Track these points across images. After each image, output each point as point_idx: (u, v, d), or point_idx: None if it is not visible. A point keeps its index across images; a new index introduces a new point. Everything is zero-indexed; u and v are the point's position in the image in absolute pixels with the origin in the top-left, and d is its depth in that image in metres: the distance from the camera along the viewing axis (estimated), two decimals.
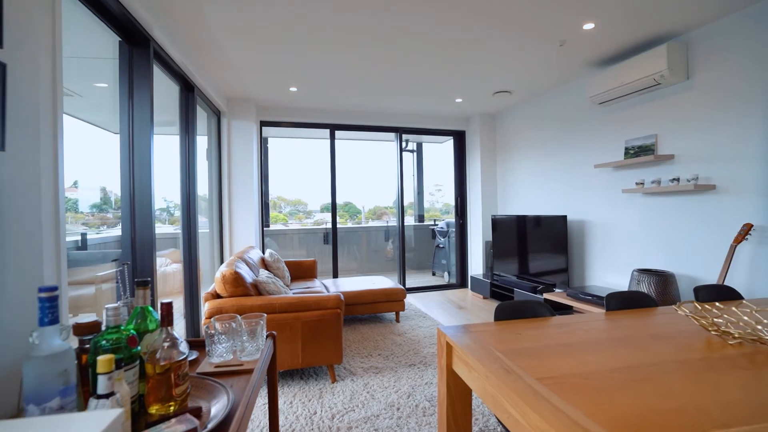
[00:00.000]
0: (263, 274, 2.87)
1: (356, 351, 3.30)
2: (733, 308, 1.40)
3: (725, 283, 2.78)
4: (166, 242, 3.71)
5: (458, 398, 1.41)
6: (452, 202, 8.30)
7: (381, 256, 7.57)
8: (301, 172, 7.21)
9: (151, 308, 0.98)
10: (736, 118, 2.79)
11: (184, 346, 0.92)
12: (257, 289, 2.70)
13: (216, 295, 2.56)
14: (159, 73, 2.93)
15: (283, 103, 4.87)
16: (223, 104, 4.40)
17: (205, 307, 2.41)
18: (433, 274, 7.28)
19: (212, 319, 1.25)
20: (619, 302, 1.73)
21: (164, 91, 3.25)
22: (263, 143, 6.56)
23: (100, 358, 0.69)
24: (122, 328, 0.85)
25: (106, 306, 0.82)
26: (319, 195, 7.28)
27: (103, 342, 0.80)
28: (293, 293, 3.62)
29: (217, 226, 4.57)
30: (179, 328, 3.53)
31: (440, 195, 8.10)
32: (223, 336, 1.21)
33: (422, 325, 3.99)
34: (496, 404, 1.06)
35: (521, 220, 4.72)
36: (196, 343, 1.38)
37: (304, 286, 3.97)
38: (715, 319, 1.32)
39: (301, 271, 4.60)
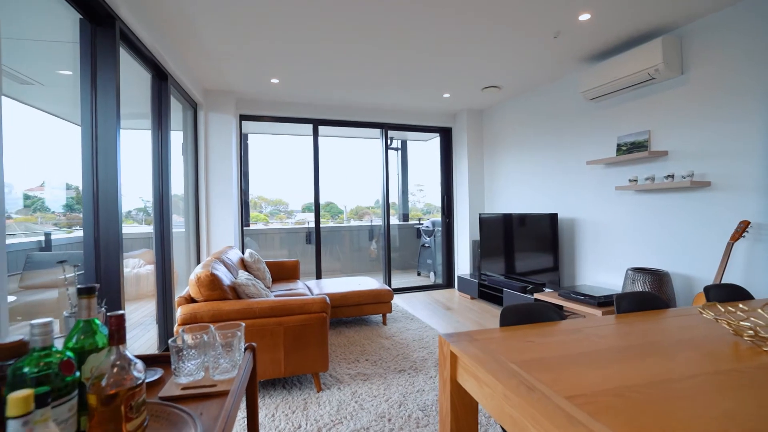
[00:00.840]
0: (242, 275, 2.67)
1: (342, 356, 3.12)
2: (759, 310, 1.29)
3: (722, 281, 2.72)
4: (139, 242, 3.46)
5: (464, 414, 1.26)
6: (434, 202, 8.21)
7: (365, 256, 7.40)
8: (283, 170, 6.97)
9: (98, 321, 0.79)
10: (732, 114, 2.73)
11: (139, 368, 0.73)
12: (236, 292, 2.50)
13: (190, 300, 2.34)
14: (127, 58, 2.69)
15: (264, 96, 4.65)
16: (200, 96, 4.15)
17: (177, 313, 2.20)
18: (419, 274, 7.15)
19: (180, 329, 1.06)
20: (630, 303, 1.61)
21: (134, 78, 3.00)
22: (243, 139, 6.31)
23: (11, 395, 0.50)
24: (55, 349, 0.66)
25: (32, 322, 0.63)
26: (300, 195, 7.06)
27: (26, 370, 0.61)
28: (275, 296, 3.42)
29: (194, 225, 4.32)
30: (151, 336, 3.28)
31: (421, 195, 7.99)
32: (193, 350, 1.02)
33: (410, 328, 3.84)
34: (516, 427, 0.91)
35: (510, 219, 4.62)
36: (165, 358, 1.19)
37: (287, 288, 3.77)
38: (741, 322, 1.21)
39: (283, 272, 4.39)
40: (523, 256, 4.44)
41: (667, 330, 1.34)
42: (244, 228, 6.47)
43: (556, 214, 3.94)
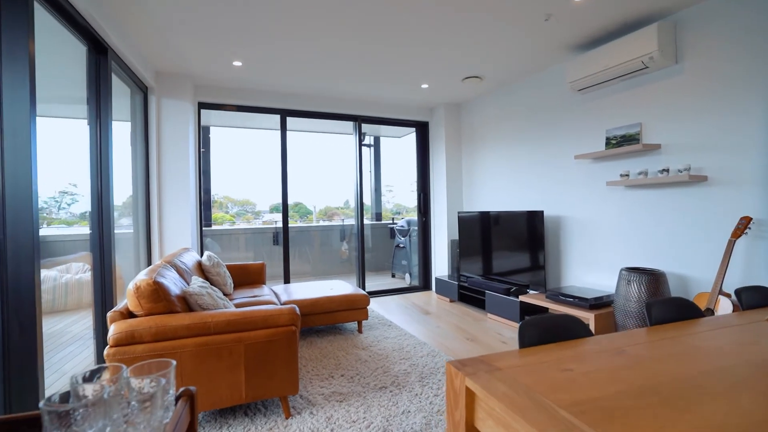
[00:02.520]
0: (196, 283, 2.26)
1: (314, 372, 2.76)
2: None
3: (724, 281, 2.56)
4: (82, 245, 2.96)
5: None
6: (404, 203, 7.94)
7: (336, 258, 7.03)
8: (249, 168, 6.50)
9: None
10: (730, 105, 2.58)
11: None
12: (187, 303, 2.09)
13: (128, 314, 1.92)
14: (51, 23, 2.23)
15: (226, 81, 4.20)
16: (150, 78, 3.67)
17: (110, 332, 1.78)
18: (393, 276, 6.85)
19: (73, 378, 0.70)
20: (663, 311, 1.35)
21: (59, 49, 2.53)
22: (204, 132, 5.81)
23: None
24: None
25: None
26: (268, 195, 6.62)
27: None
28: (237, 304, 3.01)
29: (144, 225, 3.82)
30: (88, 354, 2.80)
31: (391, 196, 7.72)
32: (90, 412, 0.65)
33: (388, 336, 3.51)
34: None
35: (491, 217, 4.39)
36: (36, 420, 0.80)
37: (251, 295, 3.36)
38: None
39: (247, 277, 3.97)
40: (505, 257, 4.22)
41: (732, 348, 1.08)
42: (205, 228, 5.98)
43: (541, 212, 3.73)
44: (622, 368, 0.97)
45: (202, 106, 4.40)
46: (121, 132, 3.61)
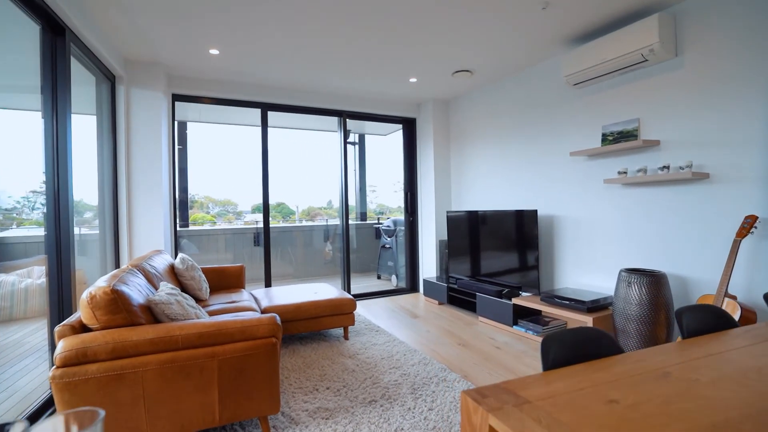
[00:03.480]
0: (164, 290, 2.02)
1: (297, 384, 2.54)
2: None
3: (730, 283, 2.45)
4: (41, 247, 2.67)
5: None
6: (387, 203, 7.77)
7: (319, 259, 6.80)
8: (230, 167, 6.21)
9: None
10: (732, 100, 2.48)
11: None
12: (152, 313, 1.85)
13: (82, 328, 1.67)
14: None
15: (202, 71, 3.93)
16: (119, 67, 3.38)
17: (57, 349, 1.53)
18: (379, 278, 6.65)
19: None
20: (697, 321, 1.20)
21: (6, 27, 2.25)
22: (181, 128, 5.51)
23: None
24: None
25: None
26: (250, 194, 6.35)
27: None
28: (213, 310, 2.77)
29: (112, 225, 3.53)
30: (43, 369, 2.52)
31: (374, 196, 7.55)
32: None
33: (376, 342, 3.32)
34: None
35: (481, 217, 4.24)
36: None
37: (228, 301, 3.11)
38: None
39: (225, 281, 3.71)
40: (496, 258, 4.07)
41: None
42: (182, 229, 5.67)
43: (535, 211, 3.59)
44: (676, 397, 0.79)
45: (177, 98, 4.11)
46: (86, 124, 3.32)
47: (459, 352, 3.10)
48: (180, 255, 3.21)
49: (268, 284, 4.58)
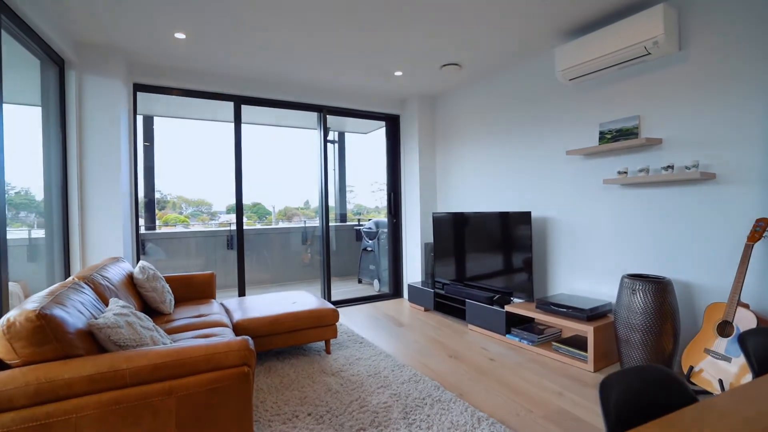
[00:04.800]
0: (112, 309, 1.69)
1: (274, 410, 2.24)
2: None
3: (743, 290, 2.30)
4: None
5: None
6: (365, 203, 7.51)
7: (297, 262, 6.47)
8: (203, 166, 5.81)
9: None
10: (739, 97, 2.34)
11: None
12: (96, 339, 1.52)
13: None
14: None
15: (167, 58, 3.55)
16: (68, 49, 2.98)
17: None
18: (360, 282, 6.38)
19: None
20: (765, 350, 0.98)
21: None
22: (147, 123, 5.09)
23: None
24: None
25: None
26: (224, 194, 5.96)
27: None
28: (176, 327, 2.43)
29: (61, 229, 3.12)
30: None
31: (351, 196, 7.29)
32: None
33: (361, 356, 3.04)
34: None
35: (470, 219, 4.03)
36: None
37: (195, 314, 2.77)
38: None
39: (193, 290, 3.35)
40: (486, 261, 3.86)
41: None
42: (148, 232, 5.24)
43: (528, 213, 3.39)
44: None
45: (139, 88, 3.72)
46: (27, 112, 2.92)
47: (451, 366, 2.87)
48: (140, 263, 2.84)
49: (241, 292, 4.23)
